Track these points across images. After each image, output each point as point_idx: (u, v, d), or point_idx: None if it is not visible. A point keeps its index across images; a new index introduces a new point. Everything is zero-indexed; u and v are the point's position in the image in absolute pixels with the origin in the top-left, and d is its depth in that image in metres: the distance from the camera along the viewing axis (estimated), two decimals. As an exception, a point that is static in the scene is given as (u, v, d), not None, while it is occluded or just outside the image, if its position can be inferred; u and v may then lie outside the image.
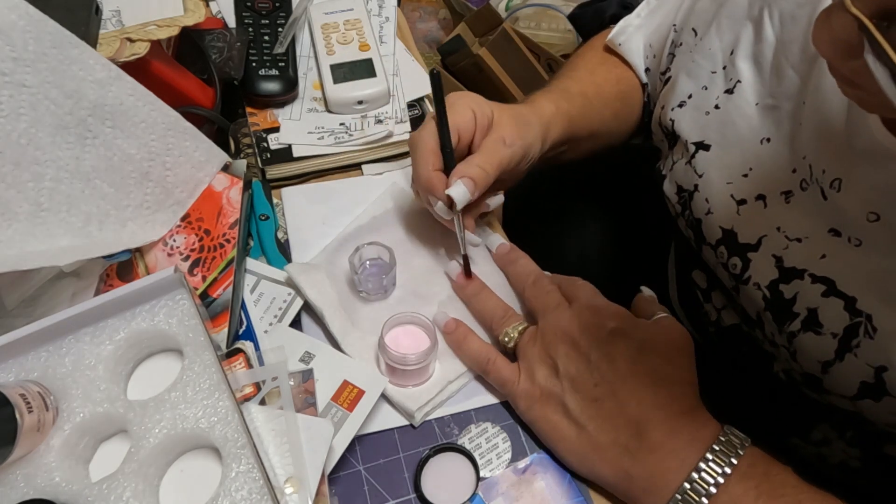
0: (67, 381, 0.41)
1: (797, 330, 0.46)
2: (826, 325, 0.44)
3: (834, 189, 0.43)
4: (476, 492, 0.43)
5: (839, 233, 0.43)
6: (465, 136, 0.50)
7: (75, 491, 0.38)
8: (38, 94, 0.42)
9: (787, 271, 0.46)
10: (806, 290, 0.45)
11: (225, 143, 0.60)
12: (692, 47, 0.56)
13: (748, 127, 0.50)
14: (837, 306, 0.43)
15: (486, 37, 1.56)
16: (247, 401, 0.43)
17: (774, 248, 0.47)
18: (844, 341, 0.42)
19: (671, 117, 0.57)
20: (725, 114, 0.52)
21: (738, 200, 0.50)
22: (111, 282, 0.48)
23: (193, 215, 0.52)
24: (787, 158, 0.47)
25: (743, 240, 0.50)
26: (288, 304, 0.50)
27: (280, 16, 0.67)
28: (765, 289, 0.48)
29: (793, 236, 0.46)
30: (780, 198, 0.48)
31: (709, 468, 0.39)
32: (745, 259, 0.49)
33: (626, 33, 0.65)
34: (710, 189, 0.53)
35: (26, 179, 0.43)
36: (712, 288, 0.60)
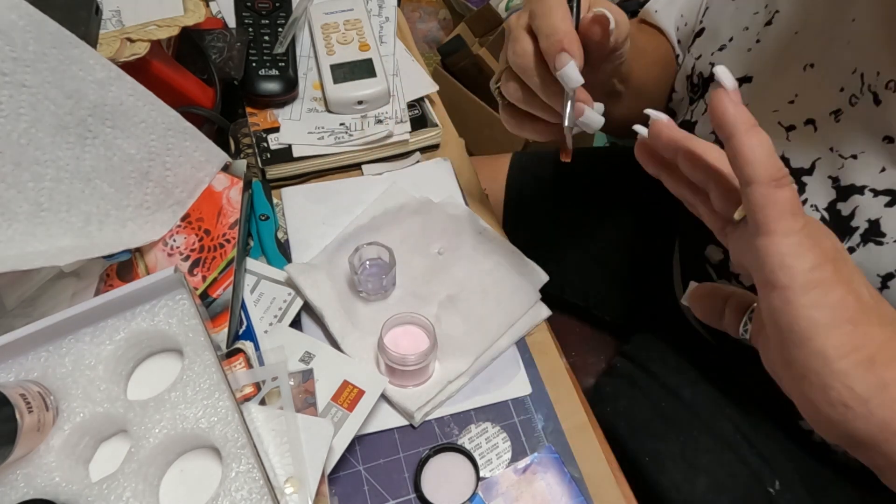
0: (67, 381, 0.41)
1: (855, 245, 0.44)
2: (889, 233, 0.42)
3: (890, 90, 0.42)
4: (476, 492, 0.43)
5: (893, 139, 0.43)
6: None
7: (75, 491, 0.38)
8: (38, 94, 0.42)
9: (844, 190, 0.45)
10: (866, 204, 0.44)
11: (225, 143, 0.60)
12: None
13: (790, 55, 0.50)
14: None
15: (486, 37, 1.56)
16: (247, 401, 0.43)
17: (829, 170, 0.47)
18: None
19: (710, 61, 0.57)
20: (765, 47, 0.52)
21: (786, 127, 0.50)
22: (111, 282, 0.48)
23: (193, 215, 0.52)
24: (834, 79, 0.47)
25: (796, 164, 0.49)
26: (288, 304, 0.50)
27: (280, 16, 0.67)
28: (822, 210, 0.47)
29: (847, 154, 0.46)
30: (829, 118, 0.47)
31: None
32: (801, 183, 0.48)
33: (659, 3, 0.64)
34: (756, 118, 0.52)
35: (26, 179, 0.43)
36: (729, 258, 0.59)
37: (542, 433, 0.46)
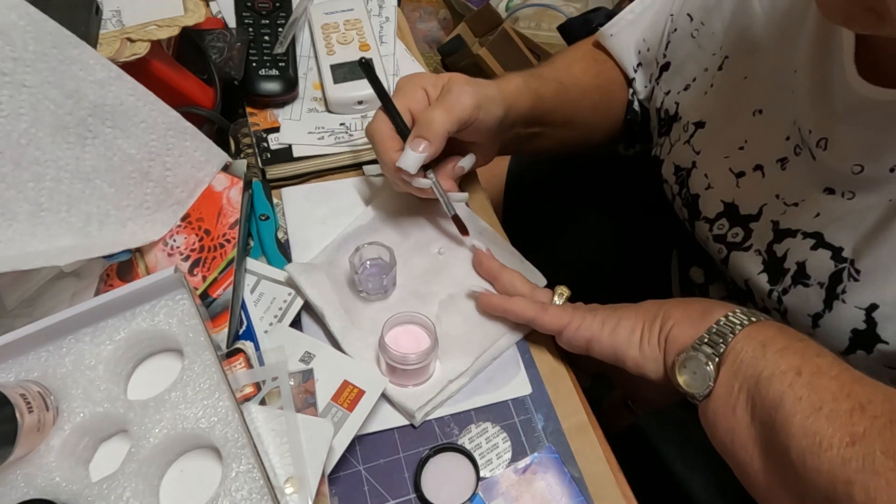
0: (67, 381, 0.41)
1: (788, 286, 0.47)
2: (813, 275, 0.45)
3: (820, 148, 0.45)
4: (476, 492, 0.43)
5: (833, 190, 0.45)
6: (417, 113, 0.50)
7: (75, 491, 0.38)
8: (38, 94, 0.42)
9: (781, 232, 0.48)
10: (796, 246, 0.47)
11: (225, 143, 0.60)
12: (692, 32, 0.58)
13: (739, 100, 0.52)
14: (824, 256, 0.45)
15: (486, 37, 1.56)
16: (247, 401, 0.43)
17: (773, 215, 0.49)
18: (831, 289, 0.44)
19: (676, 100, 0.59)
20: (718, 91, 0.54)
21: (736, 173, 0.52)
22: (111, 282, 0.48)
23: (193, 215, 0.52)
24: (780, 126, 0.49)
25: (745, 211, 0.51)
26: (288, 304, 0.50)
27: (280, 16, 0.67)
28: (764, 252, 0.50)
29: (790, 201, 0.48)
30: (776, 165, 0.49)
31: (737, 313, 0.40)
32: (748, 229, 0.51)
33: (617, 26, 0.66)
34: (709, 164, 0.55)
35: (26, 179, 0.43)
36: (710, 281, 0.61)
37: (542, 433, 0.46)
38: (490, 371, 0.49)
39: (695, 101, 0.58)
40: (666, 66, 0.62)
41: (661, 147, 0.63)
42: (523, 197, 0.82)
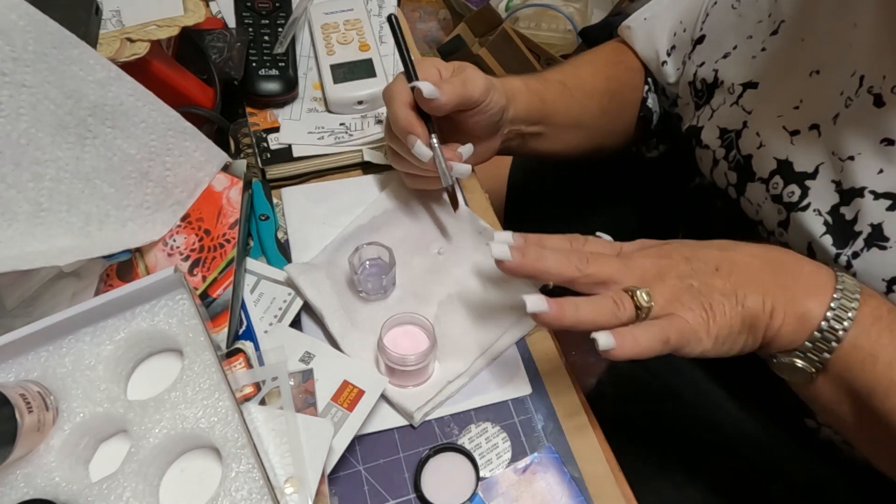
0: (67, 381, 0.41)
1: (860, 249, 0.44)
2: (893, 237, 0.43)
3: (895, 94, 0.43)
4: (476, 492, 0.43)
5: (893, 141, 0.43)
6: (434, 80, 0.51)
7: (75, 491, 0.38)
8: (38, 94, 0.42)
9: (846, 193, 0.46)
10: (868, 208, 0.44)
11: (225, 143, 0.60)
12: (732, 3, 0.57)
13: (796, 63, 0.51)
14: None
15: (486, 37, 1.56)
16: (247, 401, 0.43)
17: (832, 174, 0.47)
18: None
19: (714, 68, 0.58)
20: (772, 54, 0.54)
21: (790, 132, 0.51)
22: (111, 282, 0.48)
23: (193, 215, 0.52)
24: (836, 84, 0.48)
25: (800, 168, 0.49)
26: (288, 304, 0.50)
27: (280, 16, 0.67)
28: (826, 214, 0.47)
29: (844, 156, 0.46)
30: (831, 123, 0.48)
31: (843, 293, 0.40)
32: (804, 187, 0.49)
33: (652, 10, 0.65)
34: (761, 123, 0.53)
35: (26, 179, 0.43)
36: None
37: (542, 433, 0.46)
38: (490, 371, 0.49)
39: (742, 64, 0.56)
40: (700, 38, 0.61)
41: (698, 117, 0.61)
42: (525, 198, 0.82)
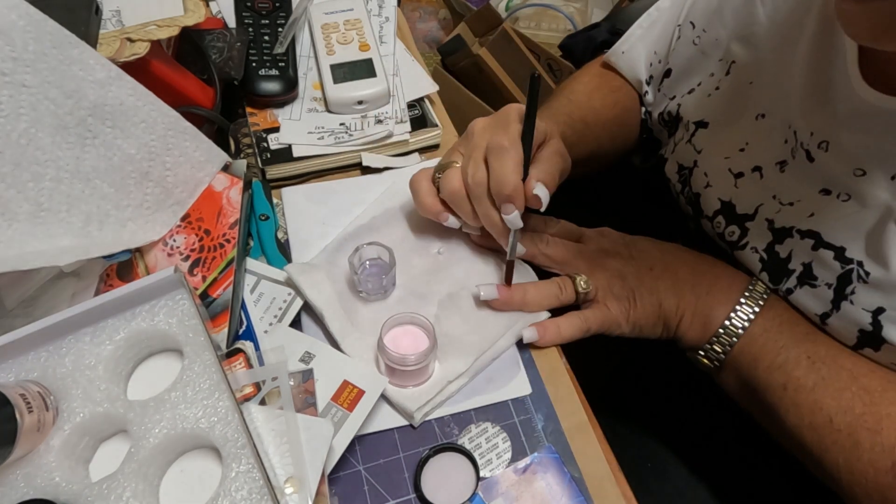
0: (67, 381, 0.41)
1: (793, 286, 0.48)
2: (820, 276, 0.46)
3: (822, 150, 0.46)
4: (476, 492, 0.43)
5: (829, 191, 0.46)
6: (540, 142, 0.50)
7: (75, 491, 0.38)
8: (38, 94, 0.42)
9: (778, 231, 0.49)
10: (798, 247, 0.48)
11: (225, 143, 0.60)
12: (693, 39, 0.59)
13: (744, 105, 0.53)
14: (828, 257, 0.45)
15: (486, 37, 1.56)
16: (247, 401, 0.43)
17: (768, 213, 0.50)
18: (839, 290, 0.45)
19: (679, 103, 0.61)
20: (723, 94, 0.56)
21: (735, 174, 0.53)
22: (111, 282, 0.48)
23: (193, 215, 0.52)
24: (779, 130, 0.50)
25: (741, 210, 0.53)
26: (288, 304, 0.50)
27: (280, 16, 0.67)
28: (762, 251, 0.51)
29: (786, 201, 0.49)
30: (775, 168, 0.50)
31: (744, 306, 0.48)
32: (744, 228, 0.53)
33: (628, 42, 0.67)
34: (709, 163, 0.56)
35: (26, 179, 0.43)
36: None
37: (542, 433, 0.46)
38: (490, 371, 0.49)
39: (698, 102, 0.58)
40: (667, 72, 0.63)
41: (666, 147, 0.65)
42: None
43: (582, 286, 0.52)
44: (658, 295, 0.51)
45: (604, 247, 0.54)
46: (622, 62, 0.68)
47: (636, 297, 0.51)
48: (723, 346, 0.49)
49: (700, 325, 0.50)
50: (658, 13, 0.65)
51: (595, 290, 0.52)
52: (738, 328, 0.48)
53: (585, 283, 0.52)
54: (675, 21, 0.62)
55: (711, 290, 0.50)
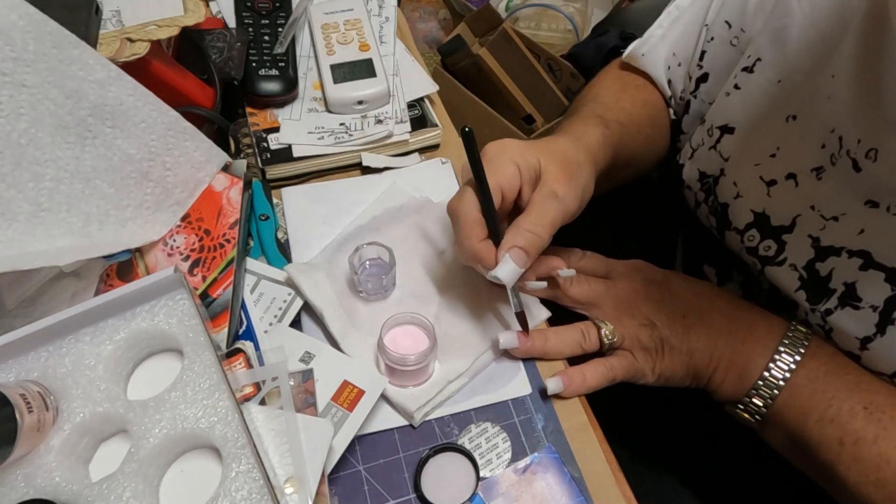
0: (67, 381, 0.41)
1: (833, 307, 0.45)
2: (865, 298, 0.43)
3: (870, 159, 0.42)
4: (476, 492, 0.43)
5: (876, 203, 0.43)
6: (510, 193, 0.46)
7: (75, 491, 0.38)
8: (38, 94, 0.42)
9: (823, 250, 0.46)
10: (843, 266, 0.45)
11: (225, 143, 0.60)
12: (730, 39, 0.56)
13: (772, 105, 0.50)
14: (878, 278, 0.43)
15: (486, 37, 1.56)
16: (247, 401, 0.43)
17: (810, 229, 0.47)
18: (886, 313, 0.42)
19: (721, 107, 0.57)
20: (747, 94, 0.52)
21: (767, 182, 0.50)
22: (111, 282, 0.48)
23: (193, 215, 0.52)
24: (816, 134, 0.46)
25: (776, 222, 0.49)
26: (288, 304, 0.50)
27: (280, 16, 0.67)
28: (801, 269, 0.48)
29: (829, 215, 0.46)
30: (811, 175, 0.47)
31: (783, 355, 0.45)
32: (780, 241, 0.49)
33: (648, 44, 0.63)
34: (738, 172, 0.53)
35: (26, 179, 0.43)
36: (722, 282, 0.60)
37: (542, 433, 0.46)
38: (490, 371, 0.49)
39: (717, 104, 0.55)
40: (704, 77, 0.59)
41: (680, 154, 0.61)
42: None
43: (607, 336, 0.49)
44: (689, 345, 0.48)
45: (634, 287, 0.51)
46: (642, 64, 0.64)
47: (665, 347, 0.49)
48: (763, 400, 0.45)
49: (736, 377, 0.47)
50: (679, 11, 0.61)
51: (622, 338, 0.49)
52: (778, 379, 0.45)
53: (611, 333, 0.49)
54: (702, 20, 0.58)
55: (748, 340, 0.47)
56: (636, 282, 0.51)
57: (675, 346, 0.48)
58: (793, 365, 0.45)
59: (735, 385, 0.47)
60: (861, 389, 0.43)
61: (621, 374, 0.49)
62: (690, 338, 0.48)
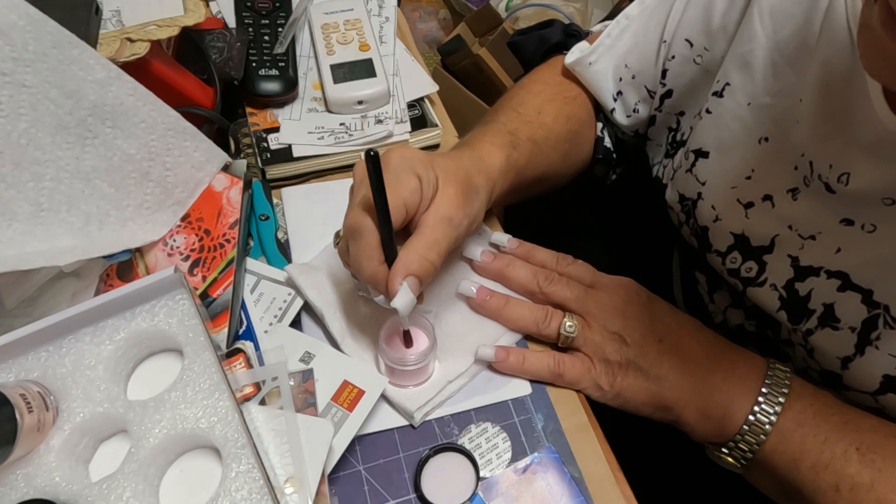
0: (67, 381, 0.41)
1: (814, 327, 0.45)
2: (843, 319, 0.43)
3: (842, 183, 0.42)
4: (476, 492, 0.43)
5: (852, 221, 0.43)
6: (412, 209, 0.42)
7: (75, 491, 0.38)
8: (38, 94, 0.42)
9: (802, 270, 0.46)
10: (821, 286, 0.45)
11: (225, 143, 0.60)
12: (694, 58, 0.55)
13: (744, 128, 0.50)
14: (854, 300, 0.43)
15: (486, 37, 1.56)
16: (247, 401, 0.43)
17: (789, 248, 0.47)
18: (864, 335, 0.42)
19: (690, 125, 0.56)
20: (718, 117, 0.52)
21: (745, 204, 0.50)
22: (111, 282, 0.48)
23: (193, 215, 0.52)
24: (787, 155, 0.47)
25: (756, 243, 0.49)
26: (288, 304, 0.50)
27: (280, 16, 0.67)
28: (781, 289, 0.48)
29: (806, 234, 0.46)
30: (786, 196, 0.47)
31: (768, 396, 0.43)
32: (761, 262, 0.49)
33: (596, 53, 0.61)
34: (715, 196, 0.53)
35: (26, 179, 0.43)
36: (714, 289, 0.60)
37: (542, 433, 0.46)
38: (490, 371, 0.49)
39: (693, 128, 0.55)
40: (668, 93, 0.58)
41: (663, 169, 0.60)
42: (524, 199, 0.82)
43: (567, 329, 0.47)
44: (659, 372, 0.46)
45: (614, 300, 0.49)
46: (589, 74, 0.62)
47: (630, 366, 0.47)
48: (749, 445, 0.43)
49: (718, 420, 0.44)
50: (627, 21, 0.60)
51: (584, 341, 0.48)
52: (764, 423, 0.43)
53: (571, 328, 0.47)
54: (658, 36, 0.57)
55: (729, 378, 0.45)
56: (618, 296, 0.49)
57: (643, 367, 0.46)
58: (778, 408, 0.43)
59: (718, 427, 0.44)
60: (850, 429, 0.42)
61: (570, 376, 0.47)
62: (662, 364, 0.46)
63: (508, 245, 0.53)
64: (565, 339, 0.48)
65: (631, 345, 0.47)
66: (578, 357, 0.48)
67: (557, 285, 0.50)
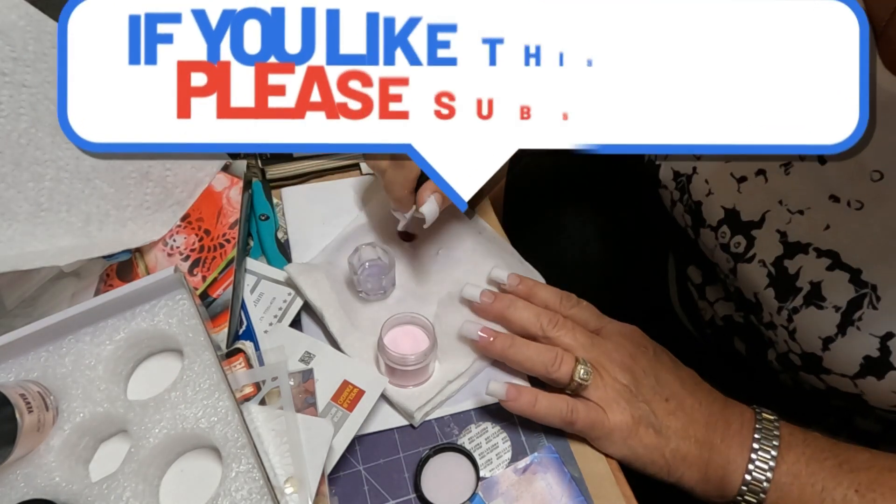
0: (67, 381, 0.41)
1: (799, 305, 0.45)
2: (829, 298, 0.43)
3: None
4: (476, 492, 0.43)
5: (838, 198, 0.43)
6: None
7: (75, 491, 0.38)
8: (38, 94, 0.42)
9: (791, 246, 0.46)
10: (810, 264, 0.45)
11: (225, 143, 0.60)
12: None
13: None
14: (843, 279, 0.42)
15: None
16: (247, 401, 0.43)
17: (778, 223, 0.47)
18: (847, 315, 0.42)
19: None
20: None
21: (738, 178, 0.50)
22: (111, 282, 0.48)
23: (193, 215, 0.52)
24: None
25: (746, 217, 0.50)
26: (288, 304, 0.50)
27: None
28: (770, 266, 0.48)
29: (794, 209, 0.46)
30: (779, 170, 0.47)
31: (759, 452, 0.43)
32: (750, 237, 0.49)
33: None
34: (709, 169, 0.53)
35: (26, 179, 0.43)
36: (707, 283, 0.60)
37: (542, 433, 0.46)
38: (490, 371, 0.49)
39: None
40: None
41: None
42: (523, 197, 0.82)
43: (581, 376, 0.45)
44: (668, 432, 0.45)
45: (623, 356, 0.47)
46: None
47: (642, 423, 0.45)
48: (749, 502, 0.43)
49: (717, 482, 0.44)
50: None
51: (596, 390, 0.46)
52: (762, 481, 0.42)
53: (586, 376, 0.45)
54: None
55: (726, 437, 0.44)
56: (625, 350, 0.48)
57: (654, 425, 0.45)
58: (772, 462, 0.42)
59: (718, 489, 0.44)
60: (845, 471, 0.41)
61: (581, 424, 0.45)
62: (670, 426, 0.45)
63: (509, 282, 0.52)
64: (578, 387, 0.46)
65: (641, 403, 0.46)
66: (591, 406, 0.46)
67: (562, 330, 0.48)
